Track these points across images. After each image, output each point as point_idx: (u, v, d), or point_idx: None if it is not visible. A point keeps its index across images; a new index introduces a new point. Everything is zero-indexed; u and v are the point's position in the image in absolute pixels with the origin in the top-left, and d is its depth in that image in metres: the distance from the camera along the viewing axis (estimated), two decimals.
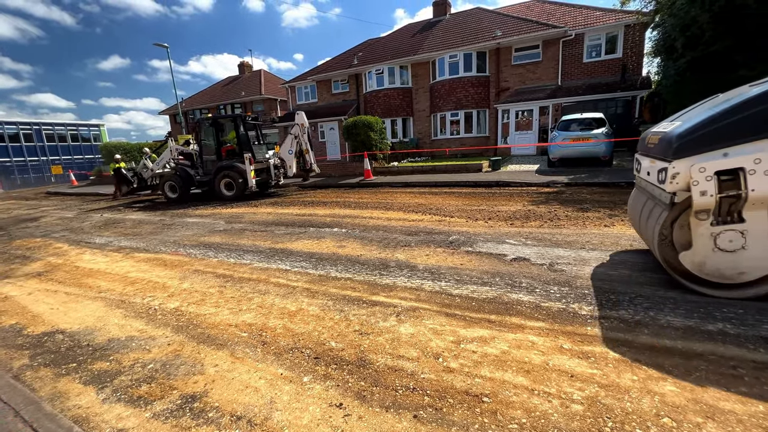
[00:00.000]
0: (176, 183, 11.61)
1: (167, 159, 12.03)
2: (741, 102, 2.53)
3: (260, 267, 4.47)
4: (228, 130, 11.96)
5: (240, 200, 10.84)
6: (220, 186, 11.13)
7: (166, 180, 11.76)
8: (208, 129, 11.51)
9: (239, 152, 10.98)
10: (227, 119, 11.58)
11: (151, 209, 10.68)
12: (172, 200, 11.71)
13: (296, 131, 11.36)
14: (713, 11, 8.99)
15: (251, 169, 10.55)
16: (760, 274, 2.62)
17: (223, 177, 11.01)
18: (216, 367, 2.42)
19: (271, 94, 29.34)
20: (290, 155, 11.57)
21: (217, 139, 11.40)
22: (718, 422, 1.68)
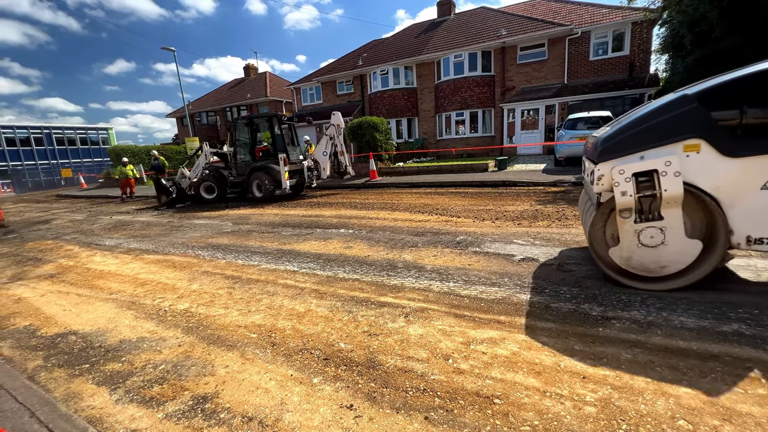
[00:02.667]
0: (212, 183, 11.33)
1: (203, 164, 11.64)
2: (652, 109, 2.78)
3: (268, 268, 4.49)
4: (263, 130, 11.59)
5: (270, 202, 10.55)
6: (252, 187, 10.78)
7: (202, 181, 11.44)
8: (243, 129, 11.17)
9: (274, 153, 10.63)
10: (263, 119, 11.20)
11: (160, 211, 10.79)
12: (208, 202, 11.42)
13: (332, 132, 10.92)
14: (722, 7, 8.86)
15: (285, 171, 10.12)
16: (679, 267, 2.84)
17: (255, 178, 10.67)
18: (226, 368, 2.44)
19: (276, 96, 29.51)
20: (324, 157, 11.11)
21: (252, 139, 11.07)
22: (735, 425, 1.65)
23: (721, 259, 2.78)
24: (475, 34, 18.97)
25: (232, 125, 11.38)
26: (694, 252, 2.77)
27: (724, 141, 2.57)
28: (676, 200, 2.69)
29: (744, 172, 2.55)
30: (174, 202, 11.80)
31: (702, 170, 2.64)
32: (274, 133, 10.76)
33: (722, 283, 3.06)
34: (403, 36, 23.47)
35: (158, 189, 11.96)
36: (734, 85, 2.59)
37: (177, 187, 11.79)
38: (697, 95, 2.64)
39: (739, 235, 2.66)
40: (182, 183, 11.84)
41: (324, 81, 23.85)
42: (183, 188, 11.78)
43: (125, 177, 14.72)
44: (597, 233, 3.15)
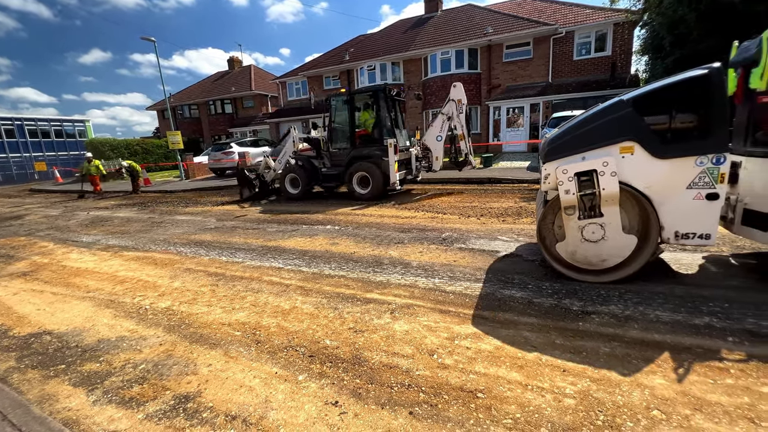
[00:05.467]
0: (300, 176, 9.15)
1: (290, 153, 9.59)
2: (594, 113, 2.98)
3: (253, 265, 4.43)
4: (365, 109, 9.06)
5: (376, 200, 8.30)
6: (352, 181, 8.50)
7: (288, 172, 9.33)
8: (340, 108, 8.90)
9: (378, 138, 8.36)
10: (366, 95, 8.86)
11: (140, 207, 10.50)
12: (293, 197, 9.40)
13: (450, 110, 8.33)
14: (700, 10, 9.14)
15: (395, 160, 7.94)
16: (617, 260, 3.03)
17: (358, 169, 8.38)
18: (209, 367, 2.40)
19: (261, 89, 29.02)
20: (439, 142, 8.62)
21: (352, 121, 8.67)
22: (705, 414, 1.73)
23: (653, 252, 2.98)
24: (462, 31, 19.03)
25: (326, 104, 9.12)
26: (630, 246, 2.95)
27: (655, 144, 2.76)
28: (614, 198, 2.86)
29: (672, 172, 2.75)
30: (257, 197, 10.03)
31: (636, 170, 2.83)
32: (380, 113, 8.44)
33: (690, 278, 3.19)
34: (391, 32, 23.36)
35: (240, 181, 10.18)
36: (664, 92, 2.80)
37: (260, 179, 10.04)
38: (632, 100, 2.83)
39: (668, 231, 2.86)
40: (266, 175, 10.04)
41: (310, 75, 23.56)
42: (266, 181, 10.04)
43: (89, 174, 13.75)
44: (546, 229, 3.32)
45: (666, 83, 2.86)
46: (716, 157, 2.63)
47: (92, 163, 13.83)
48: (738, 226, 3.04)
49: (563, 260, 3.23)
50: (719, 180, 2.66)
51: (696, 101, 2.72)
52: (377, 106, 8.45)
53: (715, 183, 2.67)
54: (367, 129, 8.73)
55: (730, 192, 3.10)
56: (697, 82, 2.67)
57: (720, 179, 2.66)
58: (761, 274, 3.16)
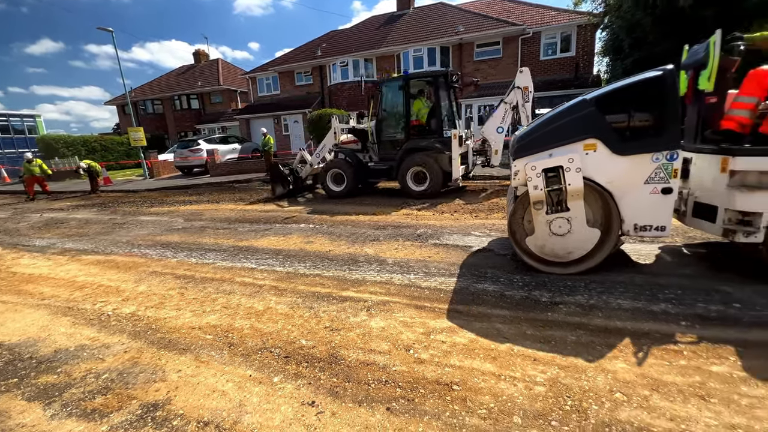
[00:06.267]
0: (345, 172, 8.12)
1: (330, 145, 8.72)
2: (560, 111, 3.13)
3: (224, 266, 4.30)
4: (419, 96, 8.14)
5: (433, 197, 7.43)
6: (406, 177, 7.58)
7: (331, 167, 8.34)
8: (394, 95, 7.84)
9: (435, 128, 7.63)
10: (425, 80, 8.08)
11: (101, 207, 9.91)
12: (336, 195, 8.34)
13: (514, 98, 7.52)
14: (655, 14, 9.70)
15: (459, 154, 7.17)
16: (582, 252, 3.18)
17: (413, 164, 7.50)
18: (179, 373, 2.31)
19: (230, 84, 28.07)
20: (500, 134, 7.87)
21: (406, 111, 7.68)
22: (662, 393, 1.85)
23: (615, 244, 3.17)
24: (434, 29, 19.21)
25: (376, 90, 8.12)
26: (594, 239, 3.11)
27: (616, 141, 2.92)
28: (579, 193, 2.99)
29: (631, 168, 2.91)
30: (292, 194, 9.14)
31: (598, 167, 2.98)
32: (440, 101, 7.58)
33: (648, 267, 3.40)
34: (363, 28, 23.22)
35: (274, 177, 9.17)
36: (622, 92, 2.98)
37: (294, 175, 9.14)
38: (594, 100, 2.99)
39: (628, 224, 3.03)
40: (300, 170, 9.21)
41: (281, 71, 23.03)
42: (301, 177, 9.22)
43: (30, 175, 12.54)
44: (516, 224, 3.43)
45: (624, 84, 3.02)
46: (670, 154, 2.81)
47: (33, 164, 12.63)
48: (689, 218, 3.27)
49: (533, 253, 3.35)
50: (673, 175, 2.84)
51: (651, 101, 2.89)
52: (437, 93, 7.58)
53: (669, 178, 2.85)
54: (420, 119, 7.91)
55: (682, 186, 3.32)
56: (652, 83, 2.83)
57: (673, 174, 2.84)
58: (710, 263, 3.41)
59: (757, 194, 2.66)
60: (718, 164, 2.88)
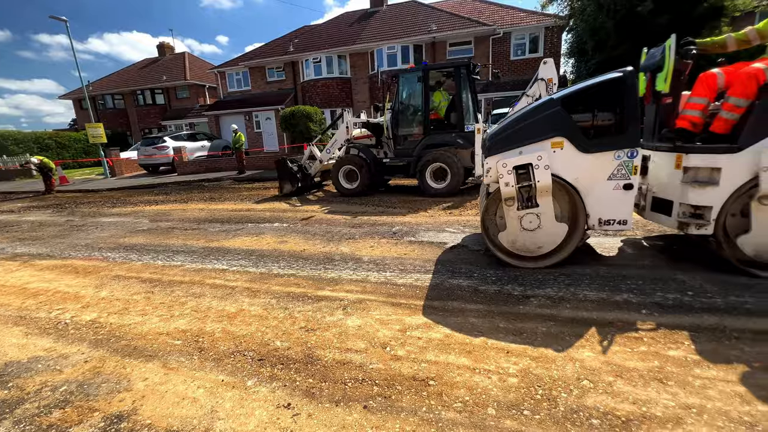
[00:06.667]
0: (358, 168, 7.72)
1: (342, 140, 8.29)
2: (529, 110, 3.26)
3: (193, 268, 4.14)
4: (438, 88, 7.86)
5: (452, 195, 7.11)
6: (425, 173, 7.24)
7: (344, 164, 7.92)
8: (413, 86, 7.54)
9: (456, 122, 7.30)
10: (447, 71, 7.70)
11: (56, 209, 9.28)
12: (349, 193, 7.95)
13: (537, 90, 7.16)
14: (617, 19, 10.18)
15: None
16: (551, 247, 3.30)
17: (433, 160, 7.09)
18: (146, 381, 2.21)
19: (197, 79, 27.04)
20: None
21: (425, 104, 7.29)
22: (625, 378, 1.95)
23: (581, 238, 3.30)
24: (407, 27, 19.28)
25: (392, 82, 7.72)
26: (562, 233, 3.24)
27: (581, 139, 3.05)
28: (547, 189, 3.10)
29: (595, 165, 3.05)
30: (299, 192, 8.68)
31: (565, 164, 3.09)
32: (461, 93, 7.22)
33: (611, 259, 3.58)
34: (336, 24, 22.96)
35: (282, 174, 8.59)
36: (586, 92, 3.11)
37: (303, 172, 8.67)
38: (561, 99, 3.10)
39: (593, 218, 3.17)
40: (309, 167, 8.78)
41: (252, 66, 22.40)
42: (309, 174, 8.77)
43: None
44: (489, 220, 3.52)
45: (588, 84, 3.15)
46: (630, 152, 2.96)
47: None
48: (648, 212, 3.46)
49: (505, 249, 3.44)
50: (633, 172, 2.99)
51: (613, 101, 3.03)
52: (458, 85, 7.20)
53: (630, 174, 3.00)
54: (438, 112, 7.62)
55: (641, 182, 3.51)
56: (613, 84, 2.97)
57: (634, 171, 2.99)
58: (667, 254, 3.63)
59: (708, 189, 2.86)
60: (673, 161, 3.06)
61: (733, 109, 2.85)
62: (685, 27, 8.92)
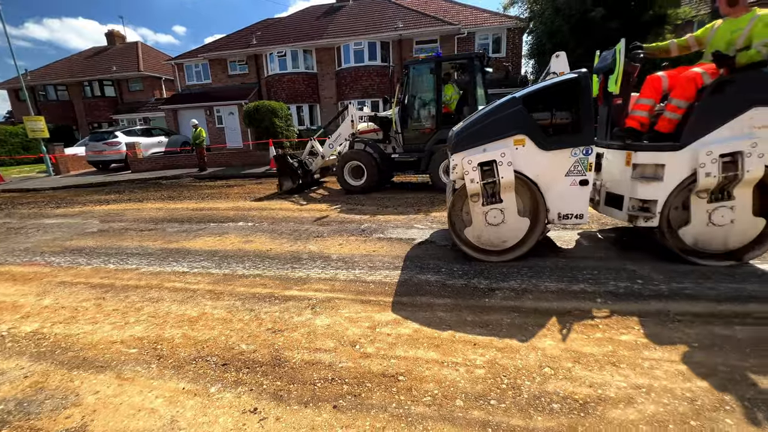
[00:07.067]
0: (365, 164, 7.37)
1: (346, 135, 7.90)
2: (492, 108, 3.36)
3: (150, 271, 3.91)
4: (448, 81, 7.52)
5: None
6: (438, 170, 7.02)
7: (350, 159, 7.51)
8: (424, 79, 7.25)
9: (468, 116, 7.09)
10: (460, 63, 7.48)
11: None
12: (354, 190, 7.59)
13: None
14: (572, 23, 10.70)
15: None
16: (515, 241, 3.43)
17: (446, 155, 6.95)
18: (97, 394, 2.05)
19: (152, 71, 25.50)
20: None
21: (437, 97, 7.04)
22: (582, 364, 2.06)
23: (542, 232, 3.45)
24: (374, 23, 19.21)
25: (402, 74, 7.42)
26: (524, 228, 3.38)
27: (541, 137, 3.19)
28: (510, 186, 3.21)
29: (554, 162, 3.20)
30: (299, 190, 8.18)
31: (526, 161, 3.22)
32: (475, 86, 7.04)
33: (570, 252, 3.77)
34: (301, 17, 22.44)
35: (282, 170, 8.02)
36: (545, 92, 3.25)
37: (303, 168, 8.22)
38: (522, 98, 3.22)
39: (553, 213, 3.32)
40: (310, 163, 8.34)
41: (212, 58, 21.40)
42: (310, 170, 8.35)
43: None
44: (455, 215, 3.60)
45: (546, 84, 3.29)
46: (585, 149, 3.12)
47: None
48: (602, 207, 3.67)
49: (471, 243, 3.52)
50: (588, 168, 3.16)
51: (569, 101, 3.18)
52: (472, 77, 7.01)
53: (586, 171, 3.17)
54: (449, 106, 7.39)
55: (596, 178, 3.72)
56: (569, 84, 3.11)
57: (589, 168, 3.16)
58: (619, 245, 3.88)
59: (654, 184, 3.08)
60: (623, 158, 3.27)
61: (675, 110, 3.08)
62: (634, 32, 9.55)
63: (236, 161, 14.10)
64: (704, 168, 2.86)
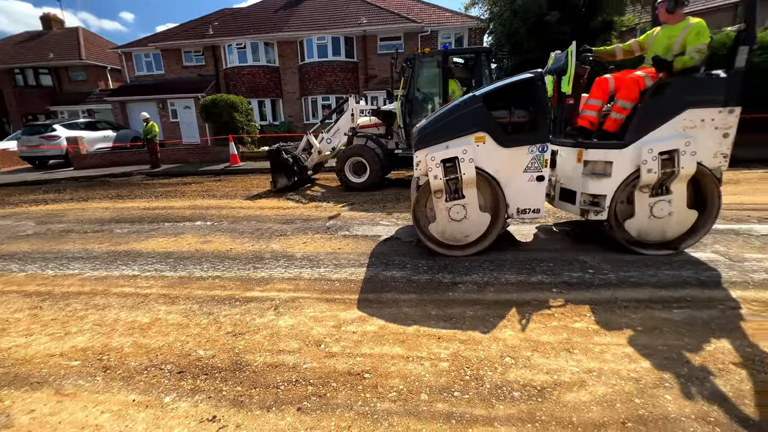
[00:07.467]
0: (368, 160, 7.04)
1: (346, 129, 7.54)
2: (454, 106, 3.44)
3: (95, 276, 3.61)
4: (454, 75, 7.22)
5: None
6: None
7: (351, 155, 7.18)
8: (429, 71, 6.99)
9: None
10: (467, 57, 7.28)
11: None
12: (356, 187, 7.23)
13: None
14: (529, 25, 11.14)
15: None
16: (477, 235, 3.52)
17: None
18: (32, 414, 1.86)
19: (96, 59, 23.59)
20: None
21: (443, 91, 6.81)
22: (540, 352, 2.16)
23: (502, 226, 3.58)
24: (338, 18, 18.95)
25: (409, 65, 7.11)
26: (486, 223, 3.48)
27: (500, 134, 3.29)
28: (472, 182, 3.28)
29: (512, 159, 3.32)
30: (295, 186, 7.71)
31: (487, 157, 3.31)
32: (481, 80, 6.90)
33: (528, 245, 3.94)
34: (261, 8, 21.65)
35: (276, 166, 7.47)
36: (503, 91, 3.36)
37: (298, 164, 7.72)
38: (482, 96, 3.31)
39: (512, 207, 3.45)
40: (304, 158, 7.85)
41: (165, 48, 20.13)
42: (305, 166, 7.87)
43: None
44: (420, 212, 3.65)
45: (504, 83, 3.39)
46: (541, 147, 3.26)
47: None
48: (557, 201, 3.86)
49: (435, 239, 3.57)
50: (544, 165, 3.31)
51: (526, 100, 3.30)
52: (479, 72, 6.85)
53: (542, 167, 3.31)
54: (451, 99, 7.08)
55: (551, 174, 3.90)
56: (525, 84, 3.23)
57: (544, 164, 3.30)
58: (573, 238, 4.10)
59: (603, 180, 3.28)
60: (575, 156, 3.45)
61: (620, 111, 3.29)
62: (585, 36, 10.12)
63: (193, 158, 13.40)
64: (646, 165, 3.09)
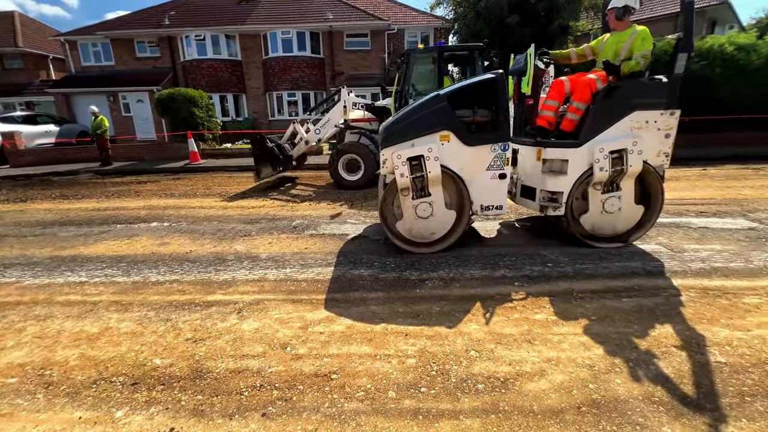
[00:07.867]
0: (363, 157, 6.84)
1: (336, 122, 7.23)
2: (419, 104, 3.50)
3: (36, 284, 3.32)
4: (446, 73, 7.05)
5: None
6: None
7: (345, 152, 6.92)
8: (424, 69, 6.95)
9: None
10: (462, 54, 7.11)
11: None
12: (349, 185, 6.98)
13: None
14: (492, 26, 11.47)
15: None
16: (443, 232, 3.60)
17: None
18: None
19: (35, 47, 21.63)
20: None
21: (438, 87, 6.60)
22: (503, 344, 2.23)
23: (467, 223, 3.67)
24: (303, 12, 18.55)
25: (404, 61, 6.95)
26: (451, 220, 3.56)
27: (464, 133, 3.38)
28: (437, 179, 3.34)
29: (476, 157, 3.41)
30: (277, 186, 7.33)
31: (451, 156, 3.38)
32: None
33: (492, 241, 4.07)
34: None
35: (260, 155, 7.07)
36: (466, 91, 3.45)
37: (283, 153, 7.26)
38: (446, 96, 3.37)
39: (476, 204, 3.54)
40: (289, 149, 7.40)
41: (115, 37, 18.77)
42: (290, 156, 7.39)
43: None
44: (387, 210, 3.68)
45: (467, 84, 3.47)
46: (503, 145, 3.37)
47: None
48: (518, 198, 4.01)
49: (403, 236, 3.60)
50: (506, 163, 3.42)
51: (487, 100, 3.39)
52: (473, 70, 6.83)
53: (504, 165, 3.42)
54: None
55: (513, 172, 4.04)
56: (486, 84, 3.32)
57: (506, 162, 3.42)
58: (534, 233, 4.28)
59: (560, 177, 3.44)
60: (535, 154, 3.59)
61: (575, 111, 3.46)
62: (544, 40, 10.58)
63: (149, 155, 12.61)
64: (598, 163, 3.28)
